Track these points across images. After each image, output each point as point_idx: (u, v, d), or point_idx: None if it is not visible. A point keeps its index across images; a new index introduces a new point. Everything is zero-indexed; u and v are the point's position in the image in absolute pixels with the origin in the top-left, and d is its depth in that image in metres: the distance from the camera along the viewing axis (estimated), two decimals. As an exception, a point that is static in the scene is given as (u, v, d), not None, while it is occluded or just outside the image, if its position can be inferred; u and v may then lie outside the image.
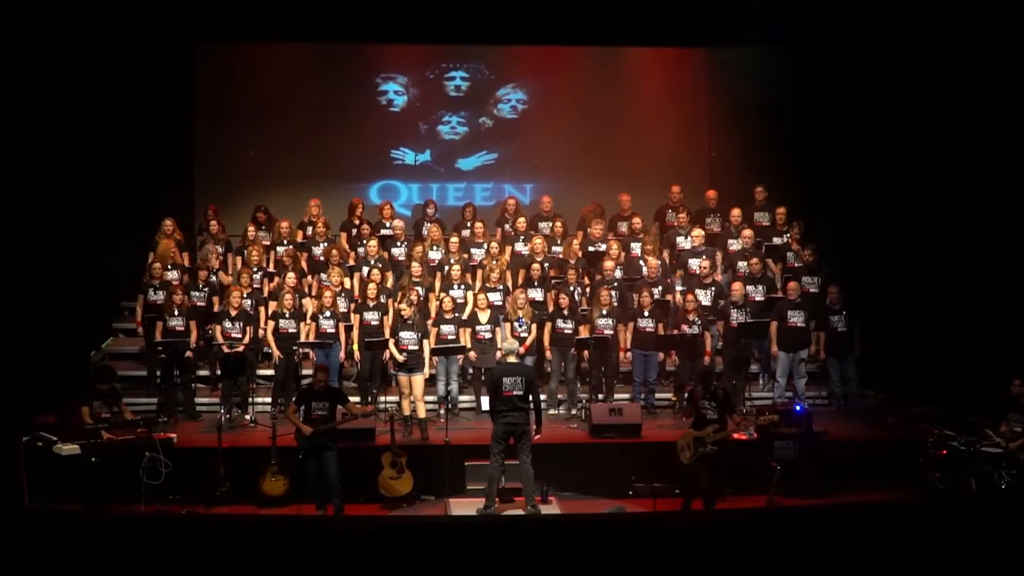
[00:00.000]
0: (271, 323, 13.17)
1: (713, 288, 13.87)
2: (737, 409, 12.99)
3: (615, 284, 13.74)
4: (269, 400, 13.21)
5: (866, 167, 14.66)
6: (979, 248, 13.13)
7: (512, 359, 11.32)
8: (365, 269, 13.87)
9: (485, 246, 14.47)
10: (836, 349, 13.43)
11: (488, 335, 13.15)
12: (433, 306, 13.61)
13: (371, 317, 13.18)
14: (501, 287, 13.72)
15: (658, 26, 14.13)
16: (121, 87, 14.38)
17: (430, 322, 13.14)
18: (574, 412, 13.23)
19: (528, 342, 13.11)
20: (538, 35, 14.75)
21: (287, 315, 13.08)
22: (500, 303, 13.52)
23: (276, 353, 13.05)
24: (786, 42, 14.69)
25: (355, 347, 13.15)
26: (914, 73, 13.78)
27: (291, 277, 13.48)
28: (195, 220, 15.91)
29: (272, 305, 13.45)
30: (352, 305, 13.46)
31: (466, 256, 14.45)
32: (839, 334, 13.39)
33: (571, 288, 13.61)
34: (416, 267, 13.73)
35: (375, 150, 17.13)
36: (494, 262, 13.95)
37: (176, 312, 13.10)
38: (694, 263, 14.15)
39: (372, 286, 13.27)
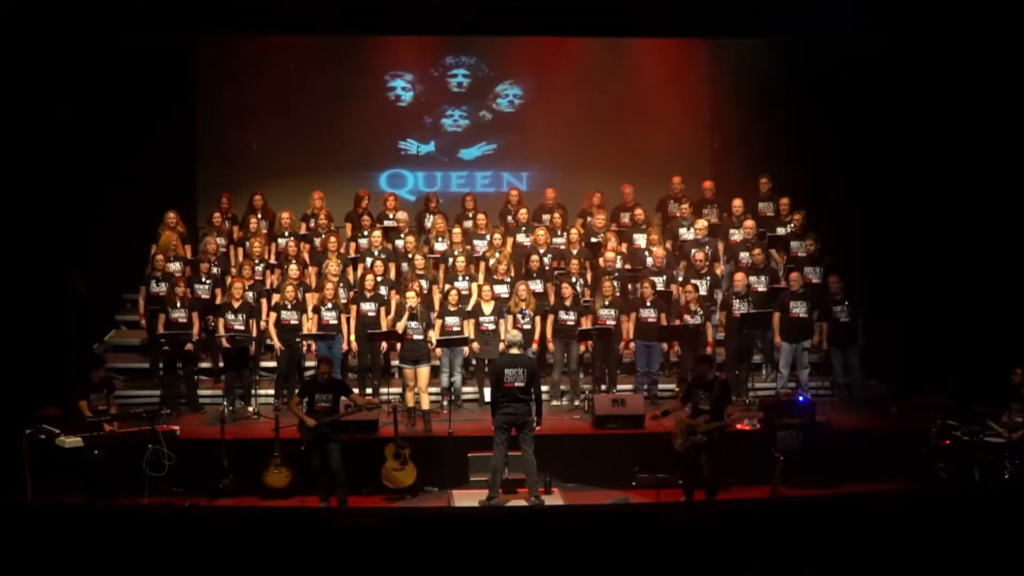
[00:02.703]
0: (273, 315, 13.17)
1: (708, 278, 13.87)
2: (739, 399, 13.03)
3: (617, 275, 13.73)
4: (272, 392, 13.21)
5: (869, 157, 14.63)
6: (982, 237, 13.11)
7: (515, 350, 11.31)
8: (368, 260, 13.87)
9: (488, 237, 14.46)
10: (839, 339, 13.42)
11: (492, 327, 13.14)
12: (437, 297, 13.62)
13: (368, 308, 13.17)
14: (508, 279, 13.70)
15: (659, 17, 14.11)
16: (124, 79, 14.38)
17: (434, 314, 13.14)
18: (577, 403, 13.23)
19: (536, 336, 13.13)
20: (539, 26, 14.73)
21: (289, 307, 13.08)
22: (507, 295, 13.48)
23: (278, 345, 13.06)
24: (787, 32, 14.66)
25: (352, 338, 13.16)
26: (916, 61, 13.74)
27: (293, 268, 13.47)
28: (197, 212, 15.91)
29: (275, 297, 13.45)
30: (351, 295, 13.46)
31: (469, 248, 14.44)
32: (841, 324, 13.38)
33: (574, 279, 13.61)
34: (419, 259, 13.73)
35: (381, 142, 17.24)
36: (498, 254, 13.95)
37: (178, 304, 13.10)
38: (697, 253, 14.13)
39: (370, 277, 13.26)
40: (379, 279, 13.39)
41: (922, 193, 13.81)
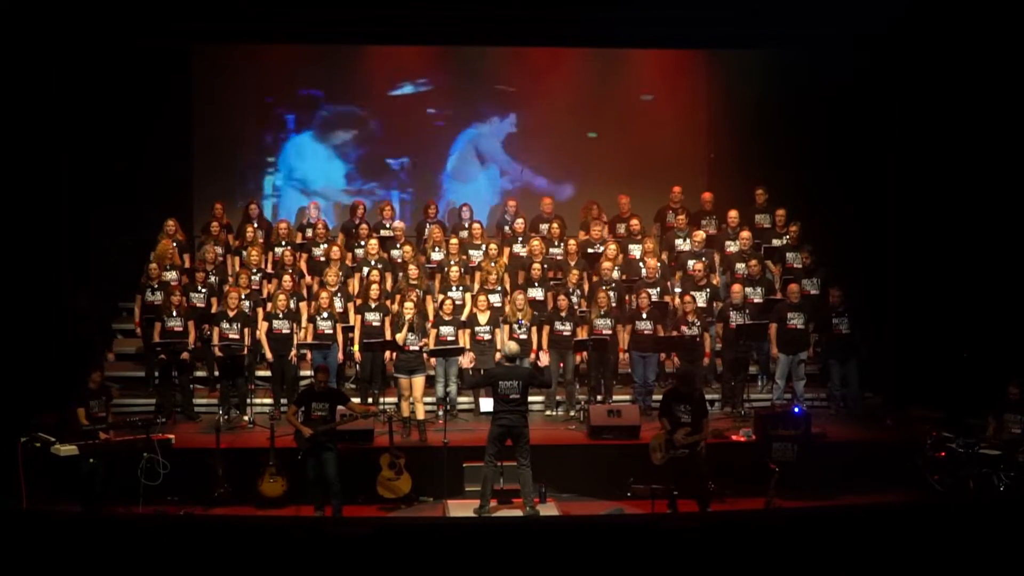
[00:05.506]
0: (264, 324, 13.14)
1: (708, 290, 13.87)
2: (735, 411, 13.07)
3: (613, 285, 13.74)
4: (267, 401, 13.19)
5: (865, 169, 14.65)
6: (978, 250, 13.14)
7: (510, 362, 11.32)
8: (365, 269, 13.87)
9: (484, 247, 14.46)
10: (839, 351, 13.41)
11: (488, 336, 13.15)
12: (431, 307, 13.61)
13: (372, 318, 13.17)
14: (499, 288, 13.71)
15: (657, 28, 14.14)
16: (120, 87, 14.40)
17: (429, 324, 13.14)
18: (572, 413, 13.22)
19: (534, 346, 13.13)
20: (537, 37, 14.76)
21: (280, 316, 13.07)
22: (499, 304, 13.51)
23: (269, 354, 13.05)
24: (785, 44, 14.70)
25: (356, 348, 13.14)
26: (913, 74, 13.77)
27: (286, 279, 13.46)
28: (194, 221, 15.92)
29: (268, 306, 13.44)
30: (351, 305, 13.46)
31: (464, 257, 14.44)
32: (842, 336, 13.35)
33: (570, 289, 13.61)
34: (413, 269, 13.70)
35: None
36: (492, 264, 13.95)
37: (174, 313, 13.09)
38: (696, 264, 14.12)
39: (374, 286, 13.25)
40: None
41: (919, 205, 13.82)
